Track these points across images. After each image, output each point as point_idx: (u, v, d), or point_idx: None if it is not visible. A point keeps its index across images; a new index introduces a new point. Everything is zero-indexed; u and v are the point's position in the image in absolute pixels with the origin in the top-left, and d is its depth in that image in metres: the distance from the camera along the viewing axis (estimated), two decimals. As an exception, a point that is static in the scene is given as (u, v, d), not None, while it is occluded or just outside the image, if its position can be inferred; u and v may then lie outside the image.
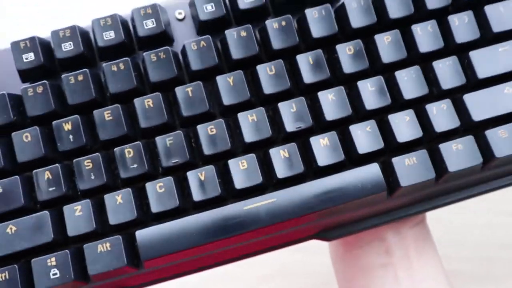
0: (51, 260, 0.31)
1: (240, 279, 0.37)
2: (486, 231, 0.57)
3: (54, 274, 0.31)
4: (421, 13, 0.35)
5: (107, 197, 0.32)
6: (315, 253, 0.37)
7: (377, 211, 0.35)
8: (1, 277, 0.31)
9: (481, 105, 0.34)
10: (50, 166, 0.32)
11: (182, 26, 0.35)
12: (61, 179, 0.32)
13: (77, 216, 0.32)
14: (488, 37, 0.35)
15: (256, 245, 0.35)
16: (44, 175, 0.32)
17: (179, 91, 0.33)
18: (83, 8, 0.59)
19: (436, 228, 0.40)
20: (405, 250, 0.39)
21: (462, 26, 0.35)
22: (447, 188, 0.35)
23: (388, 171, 0.34)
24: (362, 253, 0.40)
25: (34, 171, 0.32)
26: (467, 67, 0.35)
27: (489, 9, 0.35)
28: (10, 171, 0.32)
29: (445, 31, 0.35)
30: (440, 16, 0.35)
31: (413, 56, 0.35)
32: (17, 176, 0.32)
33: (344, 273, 0.42)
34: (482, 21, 0.35)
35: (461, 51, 0.35)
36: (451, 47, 0.35)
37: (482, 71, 0.34)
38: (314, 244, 0.38)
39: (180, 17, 0.35)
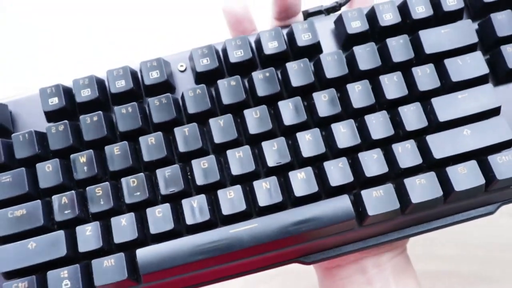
0: (64, 272, 0.37)
1: (240, 279, 0.39)
2: (486, 231, 0.57)
3: (65, 285, 0.36)
4: (387, 65, 0.40)
5: (114, 220, 0.37)
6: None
7: (351, 239, 0.40)
8: (22, 286, 0.37)
9: (442, 145, 0.38)
10: (67, 193, 0.38)
11: (184, 76, 0.41)
12: (75, 204, 0.38)
13: (88, 235, 0.37)
14: (448, 85, 0.39)
15: (242, 267, 0.39)
16: (61, 200, 0.38)
17: (177, 131, 0.39)
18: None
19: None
20: (385, 281, 0.42)
21: (425, 76, 0.39)
22: (415, 219, 0.39)
23: (358, 202, 0.38)
24: (345, 283, 0.43)
25: (53, 196, 0.38)
26: (430, 112, 0.39)
27: (448, 62, 0.40)
28: (33, 195, 0.38)
29: (410, 81, 0.39)
30: (405, 68, 0.40)
31: (381, 102, 0.39)
32: (39, 200, 0.38)
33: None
34: (442, 72, 0.40)
35: (424, 98, 0.39)
36: (414, 95, 0.39)
37: (443, 115, 0.39)
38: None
39: (182, 68, 0.41)
